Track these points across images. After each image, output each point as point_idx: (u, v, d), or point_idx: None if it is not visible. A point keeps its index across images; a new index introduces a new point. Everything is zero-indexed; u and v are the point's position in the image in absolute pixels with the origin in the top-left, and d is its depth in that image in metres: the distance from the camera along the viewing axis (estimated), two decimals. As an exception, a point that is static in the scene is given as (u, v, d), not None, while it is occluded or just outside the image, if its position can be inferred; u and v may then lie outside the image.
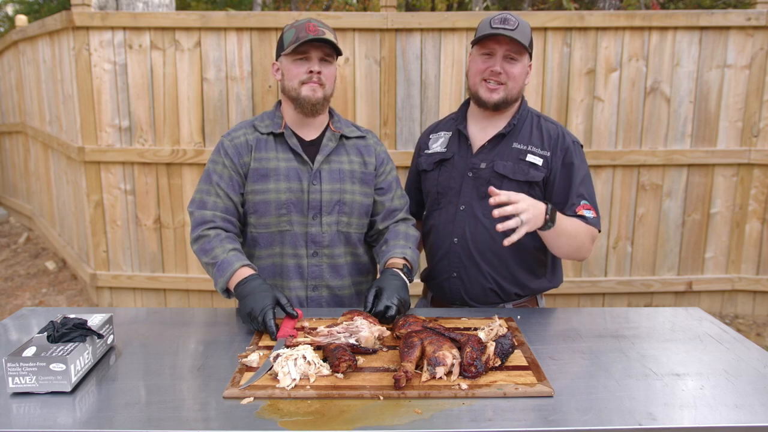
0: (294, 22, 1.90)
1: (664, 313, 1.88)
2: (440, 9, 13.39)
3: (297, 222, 1.94)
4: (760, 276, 4.23)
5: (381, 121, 4.00)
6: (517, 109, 2.03)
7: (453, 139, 2.09)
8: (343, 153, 2.00)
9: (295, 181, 1.93)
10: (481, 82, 1.95)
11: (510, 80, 1.93)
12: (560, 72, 3.96)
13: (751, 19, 3.89)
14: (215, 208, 1.91)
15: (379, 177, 2.05)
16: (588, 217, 1.92)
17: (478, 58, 1.96)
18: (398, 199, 2.09)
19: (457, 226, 2.02)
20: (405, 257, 1.91)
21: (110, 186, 4.18)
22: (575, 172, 1.95)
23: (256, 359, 1.46)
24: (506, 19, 1.90)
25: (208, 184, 1.94)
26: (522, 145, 1.98)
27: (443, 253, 2.06)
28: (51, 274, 5.24)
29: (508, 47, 1.90)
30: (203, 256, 1.85)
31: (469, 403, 1.28)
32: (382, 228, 2.05)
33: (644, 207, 4.14)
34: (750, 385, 1.38)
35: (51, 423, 1.21)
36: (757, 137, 4.04)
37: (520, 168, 1.95)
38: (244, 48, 3.97)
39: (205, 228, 1.88)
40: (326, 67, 1.90)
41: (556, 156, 1.96)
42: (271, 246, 1.96)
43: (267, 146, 1.95)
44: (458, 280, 2.04)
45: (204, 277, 4.24)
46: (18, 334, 1.70)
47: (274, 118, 2.00)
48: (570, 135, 2.01)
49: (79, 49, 4.01)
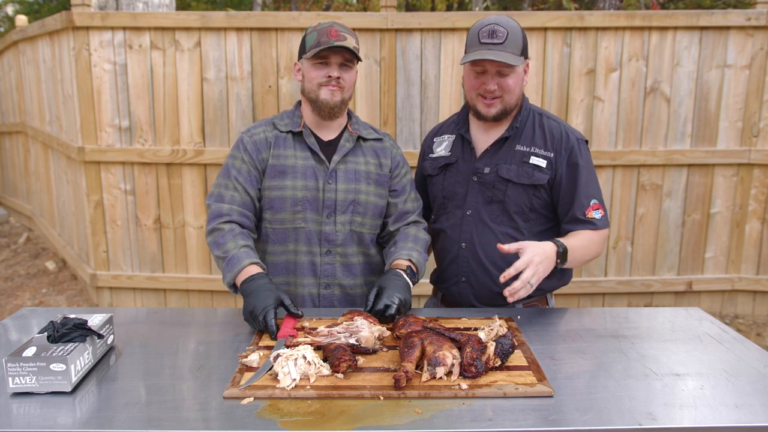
0: (317, 25, 1.91)
1: (664, 313, 1.88)
2: (440, 9, 13.38)
3: (311, 220, 1.95)
4: (760, 276, 4.23)
5: (381, 121, 4.00)
6: (518, 110, 2.00)
7: (456, 143, 2.08)
8: (360, 154, 2.01)
9: (312, 180, 1.94)
10: (477, 97, 1.93)
11: (506, 93, 1.89)
12: (560, 72, 3.96)
13: (751, 19, 3.89)
14: (232, 201, 1.93)
15: (393, 179, 2.06)
16: (597, 219, 1.92)
17: (471, 73, 1.92)
18: (411, 202, 2.09)
19: (464, 231, 2.01)
20: (410, 259, 1.91)
21: (110, 186, 4.18)
22: (581, 171, 1.93)
23: (256, 359, 1.46)
24: (494, 31, 1.82)
25: (226, 178, 1.96)
26: (525, 146, 1.96)
27: (451, 258, 2.05)
28: (51, 274, 5.24)
29: (499, 64, 1.84)
30: (215, 249, 1.87)
31: (469, 403, 1.28)
32: (394, 230, 2.06)
33: (644, 207, 4.14)
34: (750, 385, 1.38)
35: (51, 423, 1.21)
36: (757, 137, 4.04)
37: (524, 171, 1.93)
38: (244, 48, 3.97)
39: (220, 221, 1.90)
40: (346, 72, 1.91)
41: (561, 156, 1.94)
42: (285, 242, 1.98)
43: (285, 144, 1.97)
44: (467, 285, 2.03)
45: (204, 277, 4.25)
46: (18, 334, 1.70)
47: (293, 117, 2.02)
48: (574, 132, 1.97)
49: (79, 49, 4.02)
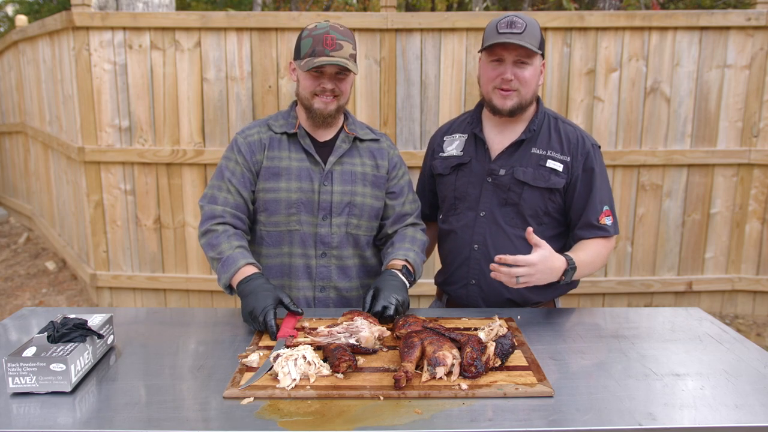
0: (313, 28, 1.84)
1: (664, 313, 1.88)
2: (440, 9, 13.38)
3: (306, 222, 1.93)
4: (760, 276, 4.22)
5: (381, 121, 4.00)
6: (534, 112, 1.99)
7: (469, 143, 2.03)
8: (356, 155, 1.98)
9: (307, 181, 1.92)
10: (493, 90, 1.90)
11: (522, 86, 1.87)
12: (560, 72, 3.96)
13: (751, 19, 3.89)
14: (226, 203, 1.90)
15: (391, 181, 2.03)
16: (608, 226, 1.92)
17: (488, 66, 1.90)
18: (409, 204, 2.07)
19: (477, 232, 1.98)
20: (407, 259, 1.90)
21: (110, 186, 4.18)
22: (596, 177, 1.93)
23: (256, 359, 1.46)
24: (513, 22, 1.82)
25: (220, 179, 1.94)
26: (541, 150, 1.94)
27: (462, 259, 2.02)
28: (51, 274, 5.24)
29: (518, 53, 1.84)
30: (210, 251, 1.85)
31: (469, 403, 1.28)
32: (391, 232, 2.04)
33: (644, 207, 4.14)
34: (750, 385, 1.38)
35: (51, 423, 1.21)
36: (757, 137, 4.04)
37: (541, 174, 1.92)
38: (244, 48, 3.97)
39: (213, 223, 1.88)
40: (341, 82, 1.87)
41: (577, 161, 1.93)
42: (280, 245, 1.96)
43: (280, 145, 1.95)
44: (476, 288, 2.00)
45: (204, 277, 4.25)
46: (18, 334, 1.70)
47: (288, 118, 1.99)
48: (589, 138, 1.97)
49: (79, 49, 4.02)
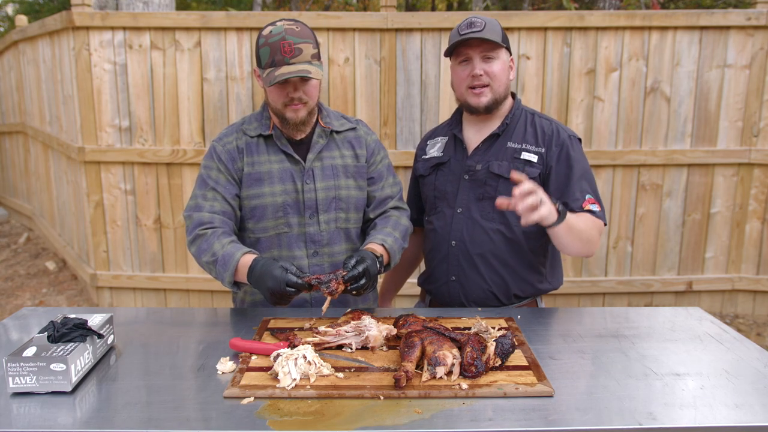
0: (269, 35, 1.77)
1: (664, 312, 1.88)
2: (440, 9, 13.38)
3: (295, 223, 1.92)
4: (760, 276, 4.22)
5: (381, 121, 4.00)
6: (509, 108, 2.03)
7: (449, 144, 2.09)
8: (335, 148, 1.96)
9: (290, 182, 1.90)
10: (467, 90, 1.95)
11: (493, 80, 1.93)
12: (560, 72, 3.96)
13: (751, 18, 3.89)
14: (212, 210, 1.86)
15: (370, 167, 2.01)
16: (595, 211, 1.92)
17: (458, 68, 1.98)
18: (390, 187, 2.05)
19: (454, 229, 2.01)
20: (384, 244, 1.86)
21: (110, 186, 4.18)
22: (573, 166, 1.93)
23: (256, 359, 1.46)
24: (472, 23, 1.91)
25: (203, 188, 1.89)
26: (516, 144, 1.98)
27: (442, 256, 2.05)
28: (51, 274, 5.24)
29: (482, 48, 1.90)
30: (202, 256, 1.79)
31: (470, 403, 1.28)
32: (374, 216, 2.02)
33: (644, 207, 4.14)
34: (750, 385, 1.38)
35: (51, 423, 1.21)
36: (757, 137, 4.04)
37: (516, 167, 1.94)
38: (244, 48, 3.97)
39: (201, 228, 1.83)
40: (307, 86, 1.81)
41: (552, 152, 1.95)
42: (270, 249, 1.94)
43: (258, 149, 1.92)
44: (457, 284, 2.03)
45: (204, 277, 4.24)
46: (18, 334, 1.70)
47: (261, 120, 1.95)
48: (566, 130, 1.99)
49: (79, 49, 4.01)
